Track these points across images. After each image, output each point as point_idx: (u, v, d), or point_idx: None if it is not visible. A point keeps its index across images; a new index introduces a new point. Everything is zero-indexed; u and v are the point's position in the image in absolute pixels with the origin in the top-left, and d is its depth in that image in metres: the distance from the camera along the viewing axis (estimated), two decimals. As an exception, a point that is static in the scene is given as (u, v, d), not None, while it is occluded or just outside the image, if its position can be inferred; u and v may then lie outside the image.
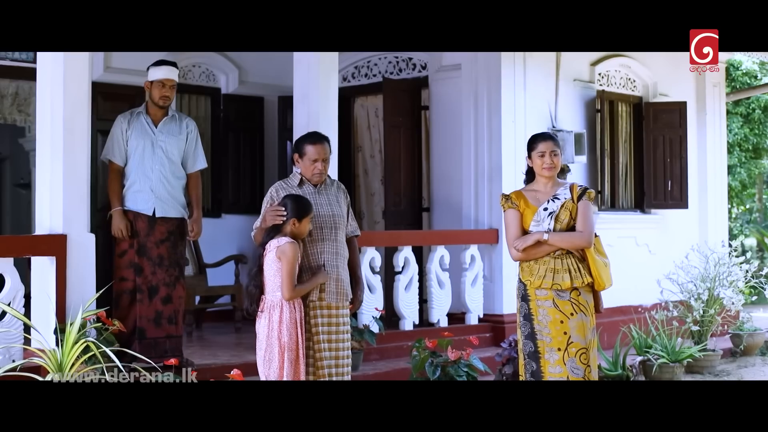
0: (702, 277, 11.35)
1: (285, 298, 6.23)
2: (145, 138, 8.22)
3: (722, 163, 14.37)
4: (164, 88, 8.30)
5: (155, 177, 8.19)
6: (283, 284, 6.23)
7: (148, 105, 8.36)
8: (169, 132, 8.33)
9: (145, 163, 8.19)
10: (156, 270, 8.11)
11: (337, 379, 6.44)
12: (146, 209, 8.16)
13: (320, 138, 6.66)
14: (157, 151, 8.23)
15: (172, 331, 8.18)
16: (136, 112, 8.31)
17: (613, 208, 12.65)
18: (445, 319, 10.55)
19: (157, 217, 8.16)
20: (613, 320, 10.80)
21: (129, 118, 8.27)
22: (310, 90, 9.27)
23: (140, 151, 8.20)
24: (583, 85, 12.25)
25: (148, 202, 8.17)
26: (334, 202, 6.63)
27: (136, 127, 8.23)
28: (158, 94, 8.29)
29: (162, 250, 8.16)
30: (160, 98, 8.30)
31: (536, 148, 6.67)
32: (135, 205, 8.16)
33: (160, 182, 8.21)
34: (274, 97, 12.77)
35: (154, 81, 8.32)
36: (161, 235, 8.18)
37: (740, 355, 12.05)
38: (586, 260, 6.54)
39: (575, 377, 6.44)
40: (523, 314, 6.60)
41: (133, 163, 8.21)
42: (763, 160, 21.45)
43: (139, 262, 8.09)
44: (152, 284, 8.09)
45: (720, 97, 14.26)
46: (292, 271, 6.24)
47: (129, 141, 8.21)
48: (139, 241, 8.12)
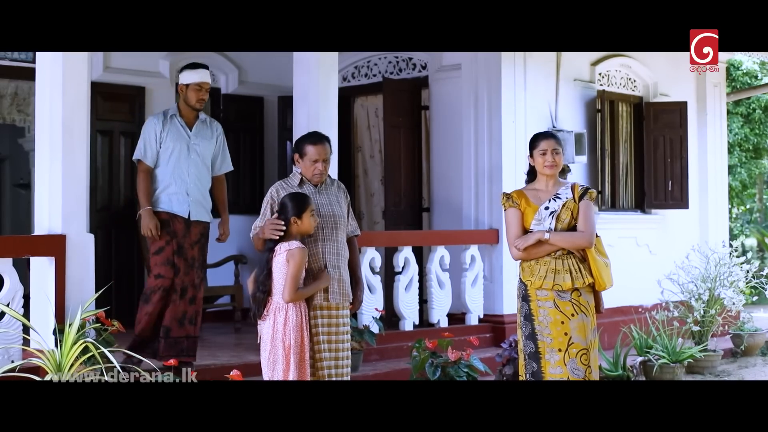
0: (702, 277, 11.33)
1: (285, 300, 6.21)
2: (180, 141, 8.14)
3: (723, 163, 14.36)
4: (201, 91, 8.19)
5: (191, 180, 8.14)
6: (286, 286, 6.21)
7: (182, 108, 8.25)
8: (203, 136, 8.26)
9: (181, 166, 8.12)
10: (189, 271, 8.09)
11: (337, 379, 6.42)
12: (182, 211, 8.10)
13: (321, 138, 6.64)
14: (192, 155, 8.16)
15: (191, 331, 8.15)
16: (170, 114, 8.19)
17: (613, 208, 12.63)
18: (445, 319, 10.54)
19: (191, 219, 8.11)
20: (613, 320, 10.78)
21: (163, 120, 8.15)
22: (310, 90, 9.26)
23: (176, 154, 8.12)
24: (583, 85, 12.23)
25: (183, 204, 8.11)
26: (334, 202, 6.62)
27: (171, 129, 8.13)
28: (195, 97, 8.19)
29: (195, 251, 8.14)
30: (197, 101, 8.19)
31: (538, 146, 6.66)
32: (171, 207, 8.09)
33: (195, 186, 8.15)
34: (274, 97, 12.76)
35: (190, 84, 8.18)
36: (195, 237, 8.15)
37: (741, 356, 12.04)
38: (586, 260, 6.53)
39: (576, 378, 6.43)
40: (524, 314, 6.58)
41: (168, 165, 8.12)
42: (764, 160, 21.42)
43: (177, 262, 8.05)
44: (185, 285, 8.07)
45: (720, 97, 14.25)
46: (297, 276, 6.23)
47: (163, 143, 8.11)
48: (177, 241, 8.07)
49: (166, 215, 8.07)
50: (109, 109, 11.23)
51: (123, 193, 11.37)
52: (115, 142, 11.30)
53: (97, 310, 7.45)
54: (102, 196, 11.18)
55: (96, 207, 10.80)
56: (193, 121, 8.25)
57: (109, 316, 7.53)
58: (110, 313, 7.77)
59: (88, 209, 8.13)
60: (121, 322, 7.59)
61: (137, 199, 8.22)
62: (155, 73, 11.63)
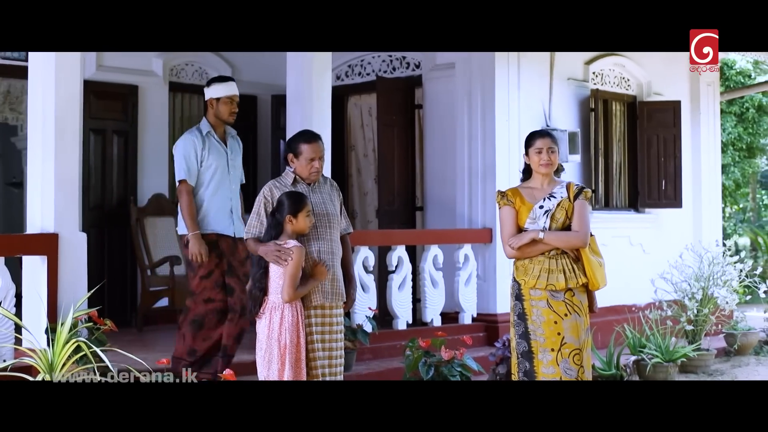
0: (696, 276, 11.34)
1: (285, 300, 6.22)
2: (220, 158, 7.93)
3: (716, 163, 14.37)
4: (232, 104, 7.99)
5: (234, 197, 7.98)
6: (285, 286, 6.21)
7: (213, 123, 8.00)
8: (235, 151, 8.10)
9: (224, 183, 7.92)
10: (243, 288, 7.62)
11: (330, 378, 6.43)
12: (229, 230, 7.88)
13: (314, 136, 6.64)
14: (231, 171, 7.99)
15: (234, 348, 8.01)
16: (205, 131, 7.93)
17: (607, 208, 12.63)
18: (439, 318, 10.53)
19: (237, 237, 7.83)
20: (607, 320, 10.77)
21: (200, 137, 7.89)
22: (304, 89, 9.25)
23: (219, 172, 7.91)
24: (577, 84, 12.22)
25: (229, 223, 7.91)
26: (328, 201, 6.61)
27: (210, 147, 7.89)
28: (227, 111, 7.98)
29: (246, 268, 7.74)
30: (229, 115, 7.99)
31: (534, 145, 6.65)
32: (218, 227, 7.86)
33: (237, 202, 8.01)
34: (268, 96, 12.75)
35: (220, 98, 7.97)
36: (243, 254, 7.82)
37: (734, 355, 12.05)
38: (580, 260, 6.52)
39: (568, 378, 6.42)
40: (517, 313, 6.58)
41: (211, 184, 7.88)
42: (757, 160, 21.47)
43: (230, 283, 7.81)
44: (243, 303, 7.66)
45: (714, 96, 14.25)
46: (296, 275, 6.23)
47: (204, 161, 7.86)
48: (227, 261, 7.84)
49: (213, 236, 7.84)
50: (102, 108, 11.21)
51: (116, 191, 11.36)
52: (108, 140, 11.28)
53: (89, 309, 7.42)
54: (95, 195, 11.15)
55: (89, 206, 10.78)
56: (224, 135, 8.05)
57: (102, 315, 7.51)
58: (103, 312, 7.75)
59: (80, 208, 8.11)
60: (114, 321, 7.56)
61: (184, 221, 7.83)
62: (148, 71, 11.62)
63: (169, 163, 12.00)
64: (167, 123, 11.96)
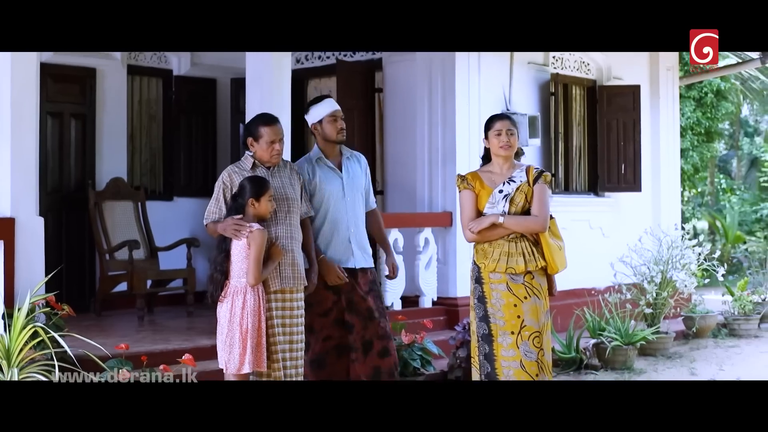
0: (655, 260, 11.40)
1: (250, 283, 6.21)
2: (333, 185, 7.10)
3: (675, 147, 14.43)
4: (337, 120, 7.17)
5: (351, 225, 7.14)
6: (250, 270, 6.21)
7: (323, 148, 7.17)
8: (354, 173, 7.25)
9: (339, 211, 7.10)
10: (368, 324, 7.07)
11: (291, 362, 6.45)
12: (348, 262, 7.10)
13: (273, 119, 6.63)
14: (347, 197, 7.14)
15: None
16: (315, 158, 7.13)
17: (566, 191, 12.67)
18: (399, 302, 10.51)
19: (357, 268, 7.13)
20: (566, 303, 10.81)
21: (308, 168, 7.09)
22: (263, 72, 9.21)
23: (333, 200, 7.08)
24: (537, 68, 12.23)
25: (347, 254, 7.11)
26: (287, 185, 6.59)
27: (321, 175, 7.08)
28: (334, 129, 7.13)
29: (369, 302, 7.12)
30: (338, 133, 7.15)
31: (493, 127, 6.66)
32: (338, 261, 7.05)
33: (356, 229, 7.19)
34: (227, 79, 12.69)
35: (323, 118, 7.15)
36: (365, 287, 7.15)
37: (693, 338, 12.13)
38: (540, 243, 6.54)
39: (528, 361, 6.45)
40: (477, 297, 6.59)
41: (323, 214, 7.06)
42: (715, 144, 21.62)
43: (349, 320, 7.05)
44: (367, 339, 7.06)
45: (673, 81, 14.31)
46: (260, 258, 6.22)
47: (316, 192, 7.04)
48: (346, 297, 7.06)
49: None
50: (60, 91, 11.11)
51: (74, 175, 11.27)
52: (66, 124, 11.19)
53: (47, 294, 7.37)
54: (52, 179, 11.06)
55: (46, 190, 10.69)
56: (338, 158, 7.23)
57: (60, 300, 7.47)
58: (61, 297, 7.71)
59: (37, 192, 8.04)
60: (72, 307, 7.52)
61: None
62: (106, 54, 11.50)
63: (128, 145, 11.94)
64: (125, 106, 11.89)
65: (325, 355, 7.02)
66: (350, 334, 7.05)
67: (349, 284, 7.06)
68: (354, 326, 7.04)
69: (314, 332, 6.97)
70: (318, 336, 7.00)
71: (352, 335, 7.05)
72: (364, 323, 7.05)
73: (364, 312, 7.07)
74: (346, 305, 7.05)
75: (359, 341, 7.04)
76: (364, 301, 7.09)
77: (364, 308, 7.08)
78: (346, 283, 7.03)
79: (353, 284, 7.08)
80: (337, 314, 7.05)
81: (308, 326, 6.85)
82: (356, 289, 7.09)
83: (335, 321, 7.05)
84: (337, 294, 7.02)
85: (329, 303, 7.02)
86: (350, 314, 7.05)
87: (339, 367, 7.05)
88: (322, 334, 7.01)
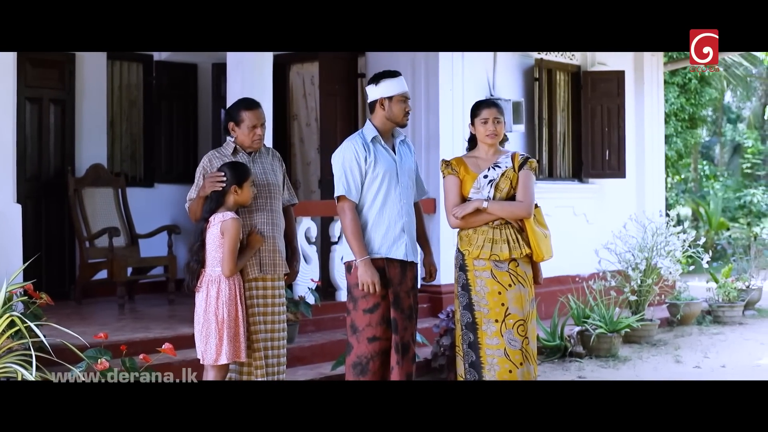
0: (640, 246, 11.38)
1: (225, 274, 6.13)
2: (389, 168, 6.59)
3: (659, 133, 14.40)
4: (406, 102, 6.67)
5: (405, 213, 6.64)
6: (224, 260, 6.13)
7: (380, 126, 6.67)
8: (407, 158, 6.76)
9: (392, 198, 6.59)
10: (408, 324, 6.58)
11: (273, 351, 6.38)
12: (399, 253, 6.58)
13: (254, 103, 6.54)
14: (401, 182, 6.64)
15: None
16: (370, 137, 6.60)
17: (550, 178, 12.61)
18: (382, 289, 10.43)
19: (408, 261, 6.63)
20: (551, 290, 10.78)
21: (363, 144, 6.59)
22: (245, 57, 9.10)
23: (386, 185, 6.58)
24: (521, 54, 12.16)
25: (400, 245, 6.59)
26: (269, 171, 6.51)
27: (378, 156, 6.57)
28: (402, 111, 6.63)
29: (411, 299, 6.64)
30: (405, 116, 6.67)
31: (479, 115, 6.60)
32: (387, 251, 6.54)
33: (409, 219, 6.69)
34: (208, 65, 12.58)
35: (394, 96, 6.62)
36: (410, 283, 6.65)
37: (677, 325, 12.15)
38: (525, 231, 6.48)
39: (513, 349, 6.39)
40: (461, 284, 6.53)
41: (377, 200, 6.56)
42: (699, 130, 21.60)
43: (395, 317, 6.51)
44: (405, 341, 6.55)
45: (658, 66, 14.26)
46: (234, 248, 6.14)
47: (369, 173, 6.55)
48: (394, 291, 6.52)
49: (381, 262, 6.51)
50: (38, 76, 10.96)
51: (53, 162, 11.13)
52: (45, 109, 11.04)
53: (24, 282, 7.27)
54: (31, 165, 10.92)
55: (25, 176, 10.56)
56: (391, 141, 6.72)
57: (38, 289, 7.33)
58: (40, 285, 7.64)
59: (15, 178, 7.94)
60: (52, 295, 7.40)
61: (349, 244, 6.56)
62: (86, 39, 11.37)
63: (108, 131, 11.83)
64: (105, 92, 11.77)
65: (369, 359, 6.50)
66: (395, 334, 6.51)
67: (399, 277, 6.56)
68: (398, 325, 6.51)
69: (357, 331, 6.49)
70: (361, 335, 6.49)
71: (396, 335, 6.51)
72: (404, 323, 6.55)
73: (407, 310, 6.59)
74: (393, 300, 6.52)
75: (399, 343, 6.52)
76: (408, 297, 6.61)
77: (407, 306, 6.59)
78: (396, 275, 6.54)
79: (402, 278, 6.58)
80: (385, 310, 6.51)
81: (350, 324, 6.51)
82: (404, 284, 6.59)
83: (382, 319, 6.50)
84: (387, 287, 6.51)
85: (378, 298, 6.48)
86: (395, 311, 6.52)
87: (380, 375, 6.53)
88: (366, 334, 6.49)
